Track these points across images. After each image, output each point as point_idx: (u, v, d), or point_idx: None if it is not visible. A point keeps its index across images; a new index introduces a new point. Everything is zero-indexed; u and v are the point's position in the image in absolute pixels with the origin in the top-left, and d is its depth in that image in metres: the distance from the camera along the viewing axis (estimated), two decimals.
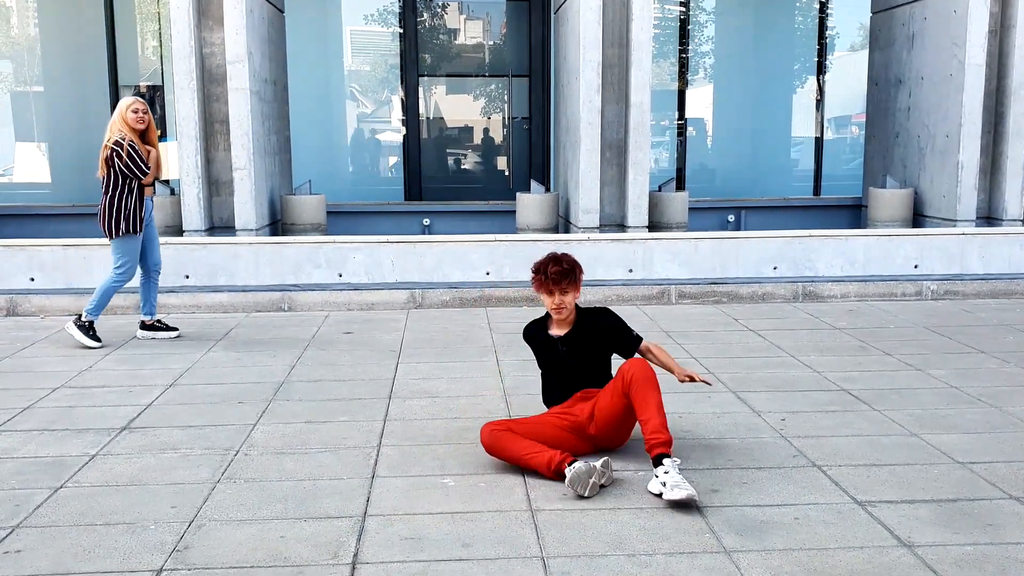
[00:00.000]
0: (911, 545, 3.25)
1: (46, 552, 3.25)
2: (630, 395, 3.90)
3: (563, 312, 4.22)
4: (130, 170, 6.34)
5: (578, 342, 4.28)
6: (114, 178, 6.37)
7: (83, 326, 6.51)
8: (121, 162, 6.32)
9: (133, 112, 6.40)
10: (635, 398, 3.87)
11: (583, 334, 4.29)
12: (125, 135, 6.36)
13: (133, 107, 6.42)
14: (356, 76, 14.21)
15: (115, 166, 6.33)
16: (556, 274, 4.14)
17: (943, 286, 8.33)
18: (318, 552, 3.23)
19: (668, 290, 8.19)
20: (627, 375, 3.93)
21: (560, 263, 4.17)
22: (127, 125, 6.39)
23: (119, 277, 6.55)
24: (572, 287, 4.18)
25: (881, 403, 5.01)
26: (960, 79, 9.30)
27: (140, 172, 6.37)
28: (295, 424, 4.73)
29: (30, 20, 13.50)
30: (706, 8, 14.26)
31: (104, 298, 6.58)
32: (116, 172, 6.35)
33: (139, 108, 6.44)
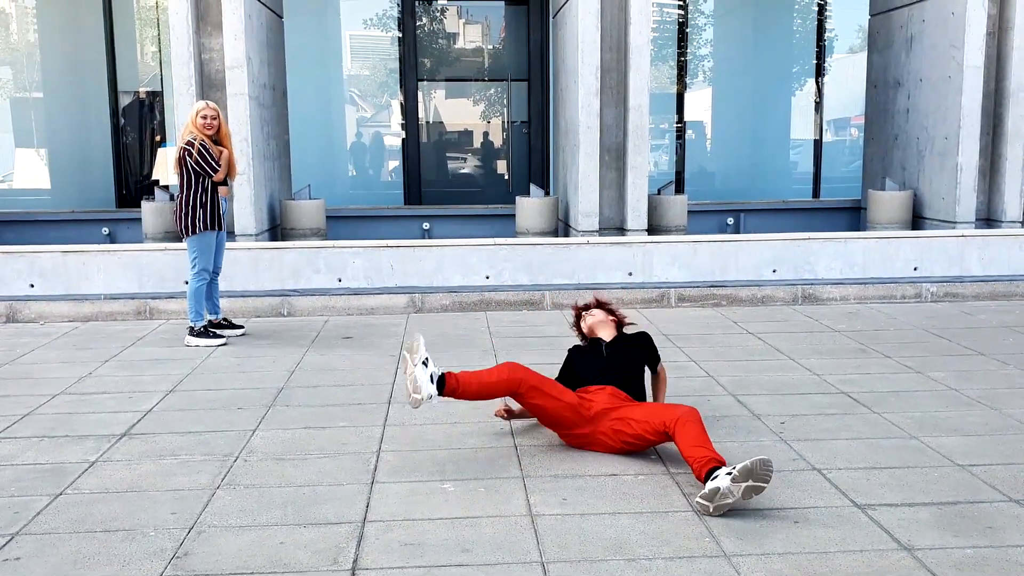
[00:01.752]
0: (911, 548, 3.25)
1: (46, 559, 3.25)
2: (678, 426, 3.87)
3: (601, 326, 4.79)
4: (201, 167, 6.56)
5: (620, 347, 4.64)
6: (187, 177, 6.60)
7: (199, 333, 6.74)
8: (192, 160, 6.55)
9: (202, 118, 6.62)
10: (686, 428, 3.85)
11: (626, 343, 4.70)
12: (196, 136, 6.58)
13: (202, 113, 6.63)
14: (355, 81, 14.21)
15: (187, 165, 6.57)
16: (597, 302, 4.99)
17: (943, 288, 8.33)
18: (318, 558, 3.23)
19: (668, 293, 8.19)
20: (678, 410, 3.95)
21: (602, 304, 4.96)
22: (197, 128, 6.59)
23: (197, 277, 6.78)
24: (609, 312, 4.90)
25: (881, 406, 5.01)
26: (959, 81, 9.31)
27: (211, 169, 6.58)
28: (294, 430, 4.73)
29: (30, 26, 13.51)
30: (704, 11, 14.27)
31: (195, 302, 6.76)
32: (189, 171, 6.58)
33: (208, 114, 6.65)
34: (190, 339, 6.76)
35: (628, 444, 4.16)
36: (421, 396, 3.91)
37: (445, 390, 4.00)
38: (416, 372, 3.93)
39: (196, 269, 6.78)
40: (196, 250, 6.74)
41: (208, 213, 6.68)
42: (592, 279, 8.34)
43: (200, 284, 6.80)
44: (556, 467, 4.10)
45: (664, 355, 6.26)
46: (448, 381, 4.02)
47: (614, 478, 3.95)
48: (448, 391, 4.01)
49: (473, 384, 4.08)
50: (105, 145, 12.85)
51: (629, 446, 4.17)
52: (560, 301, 8.06)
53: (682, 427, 3.87)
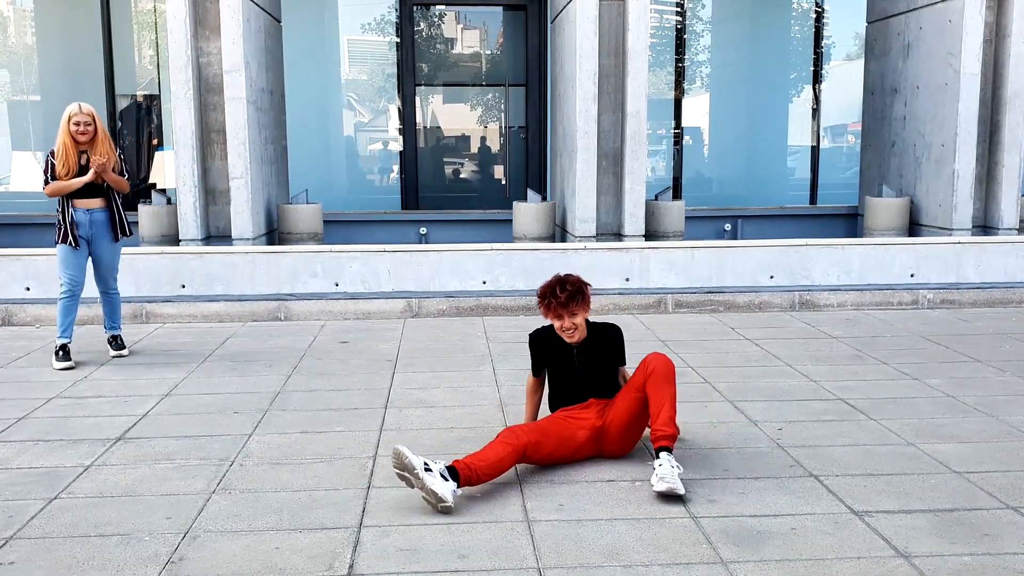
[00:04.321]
0: (908, 555, 3.24)
1: (40, 564, 3.23)
2: (647, 385, 4.00)
3: (575, 335, 4.25)
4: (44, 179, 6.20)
5: (592, 352, 4.33)
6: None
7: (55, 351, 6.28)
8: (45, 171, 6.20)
9: (74, 125, 6.11)
10: (652, 389, 3.98)
11: (597, 345, 4.35)
12: (59, 144, 6.15)
13: (74, 119, 6.11)
14: (353, 85, 14.21)
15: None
16: (565, 298, 4.14)
17: (939, 295, 8.33)
18: (313, 563, 3.22)
19: (665, 299, 8.19)
20: (650, 366, 4.04)
21: (566, 286, 4.15)
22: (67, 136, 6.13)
23: (60, 292, 6.30)
24: (581, 308, 4.20)
25: (878, 412, 5.00)
26: (956, 88, 9.33)
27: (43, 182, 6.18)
28: (291, 434, 4.71)
29: (27, 29, 13.50)
30: (702, 17, 14.29)
31: (60, 316, 6.28)
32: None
33: (80, 120, 6.11)
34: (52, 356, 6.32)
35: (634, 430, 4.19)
36: (449, 502, 3.63)
37: (461, 482, 3.72)
38: (428, 484, 3.62)
39: (60, 282, 6.27)
40: (57, 263, 6.28)
41: (59, 224, 6.19)
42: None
43: (63, 299, 6.26)
44: (552, 473, 4.09)
45: None
46: (461, 472, 3.74)
47: (611, 484, 3.94)
48: (464, 482, 3.74)
49: (483, 467, 3.83)
50: None
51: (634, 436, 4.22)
52: None
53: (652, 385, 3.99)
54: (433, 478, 3.62)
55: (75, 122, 6.11)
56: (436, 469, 3.66)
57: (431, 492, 3.60)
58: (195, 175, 9.06)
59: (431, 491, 3.60)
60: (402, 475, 3.68)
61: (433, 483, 3.61)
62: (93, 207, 6.28)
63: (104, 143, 6.25)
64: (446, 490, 3.61)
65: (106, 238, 6.36)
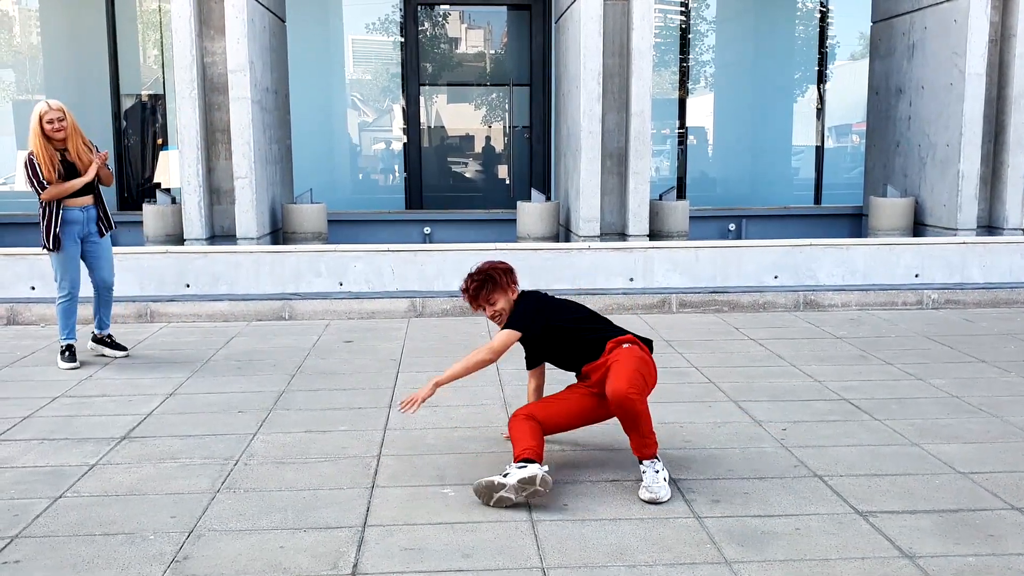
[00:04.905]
0: (913, 556, 3.24)
1: (45, 562, 3.24)
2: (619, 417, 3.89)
3: (502, 320, 4.22)
4: (34, 185, 6.01)
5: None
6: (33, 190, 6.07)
7: (60, 351, 6.28)
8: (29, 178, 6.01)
9: (48, 123, 5.97)
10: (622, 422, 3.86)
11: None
12: (35, 147, 5.99)
13: (46, 118, 5.96)
14: (357, 85, 14.22)
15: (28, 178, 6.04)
16: (474, 290, 4.21)
17: (944, 295, 8.32)
18: (318, 562, 3.22)
19: (669, 299, 8.19)
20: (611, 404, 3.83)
21: (473, 277, 4.21)
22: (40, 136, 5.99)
23: (59, 296, 6.24)
24: (495, 294, 4.19)
25: (882, 413, 5.00)
26: (960, 88, 9.31)
27: (36, 189, 5.99)
28: (295, 433, 4.72)
29: (32, 29, 13.53)
30: (707, 17, 14.28)
31: (62, 319, 6.26)
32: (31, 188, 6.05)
33: (53, 117, 5.96)
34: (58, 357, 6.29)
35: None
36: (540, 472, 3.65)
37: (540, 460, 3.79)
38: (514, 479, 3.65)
39: (58, 286, 6.20)
40: (54, 267, 6.18)
41: (50, 230, 6.05)
42: (593, 284, 8.33)
43: (63, 303, 6.22)
44: (556, 472, 4.09)
45: (665, 360, 6.30)
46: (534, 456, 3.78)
47: (615, 484, 3.94)
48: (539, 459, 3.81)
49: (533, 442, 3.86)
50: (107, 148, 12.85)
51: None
52: None
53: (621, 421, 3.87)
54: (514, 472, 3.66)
55: (47, 120, 5.95)
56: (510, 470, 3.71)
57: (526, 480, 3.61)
58: (200, 175, 9.08)
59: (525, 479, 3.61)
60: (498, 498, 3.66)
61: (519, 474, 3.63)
62: (87, 204, 6.23)
63: (78, 136, 6.14)
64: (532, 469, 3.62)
65: (97, 233, 6.32)
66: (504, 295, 4.22)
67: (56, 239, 6.07)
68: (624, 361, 3.91)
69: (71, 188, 6.08)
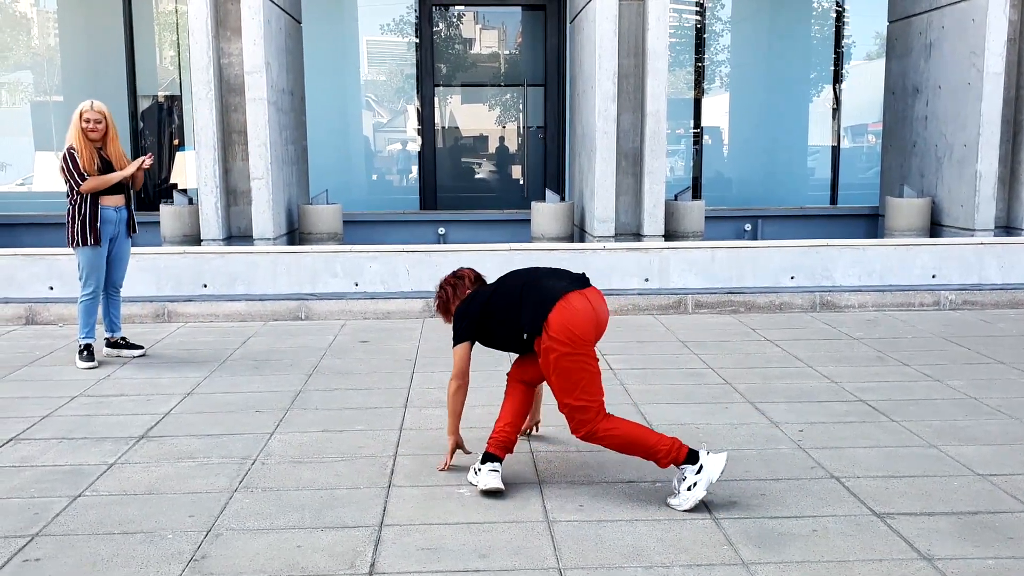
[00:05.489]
0: (931, 558, 3.22)
1: (65, 560, 3.27)
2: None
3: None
4: (68, 178, 6.10)
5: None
6: (67, 186, 6.15)
7: (79, 351, 6.32)
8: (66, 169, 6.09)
9: (85, 122, 6.10)
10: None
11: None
12: (74, 142, 6.10)
13: (85, 116, 6.10)
14: (372, 86, 14.26)
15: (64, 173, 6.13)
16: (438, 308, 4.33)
17: (961, 296, 8.27)
18: (335, 562, 3.24)
19: (685, 300, 8.17)
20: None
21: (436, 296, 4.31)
22: (79, 133, 6.10)
23: (83, 293, 6.27)
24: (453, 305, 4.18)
25: (899, 414, 4.97)
26: (979, 88, 9.25)
27: (75, 181, 6.07)
28: (312, 433, 4.74)
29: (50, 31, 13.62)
30: (722, 17, 14.25)
31: (83, 317, 6.29)
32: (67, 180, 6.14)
33: (91, 117, 6.10)
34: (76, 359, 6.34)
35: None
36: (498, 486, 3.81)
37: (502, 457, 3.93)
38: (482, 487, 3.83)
39: (83, 283, 6.24)
40: (82, 264, 6.22)
41: (88, 226, 6.12)
42: (608, 285, 8.32)
43: (87, 301, 6.27)
44: (572, 473, 4.10)
45: (682, 361, 6.29)
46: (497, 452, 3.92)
47: (631, 484, 3.94)
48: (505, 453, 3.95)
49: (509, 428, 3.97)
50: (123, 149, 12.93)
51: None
52: None
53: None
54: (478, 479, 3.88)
55: (86, 119, 6.10)
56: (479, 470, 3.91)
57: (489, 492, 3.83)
58: (217, 175, 9.12)
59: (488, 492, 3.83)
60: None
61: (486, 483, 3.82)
62: (120, 204, 6.34)
63: (116, 141, 6.29)
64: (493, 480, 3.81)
65: (125, 234, 6.43)
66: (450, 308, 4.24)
67: (97, 234, 6.17)
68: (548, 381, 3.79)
69: (110, 181, 6.18)
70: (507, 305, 3.89)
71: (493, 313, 3.95)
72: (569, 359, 3.69)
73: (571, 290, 3.80)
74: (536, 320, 3.74)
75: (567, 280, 3.89)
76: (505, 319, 3.90)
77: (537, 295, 3.81)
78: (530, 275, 3.99)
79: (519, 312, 3.83)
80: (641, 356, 6.48)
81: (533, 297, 3.81)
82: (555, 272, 4.01)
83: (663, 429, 4.70)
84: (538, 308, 3.76)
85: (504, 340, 3.98)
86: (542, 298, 3.78)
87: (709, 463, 3.63)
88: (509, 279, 4.05)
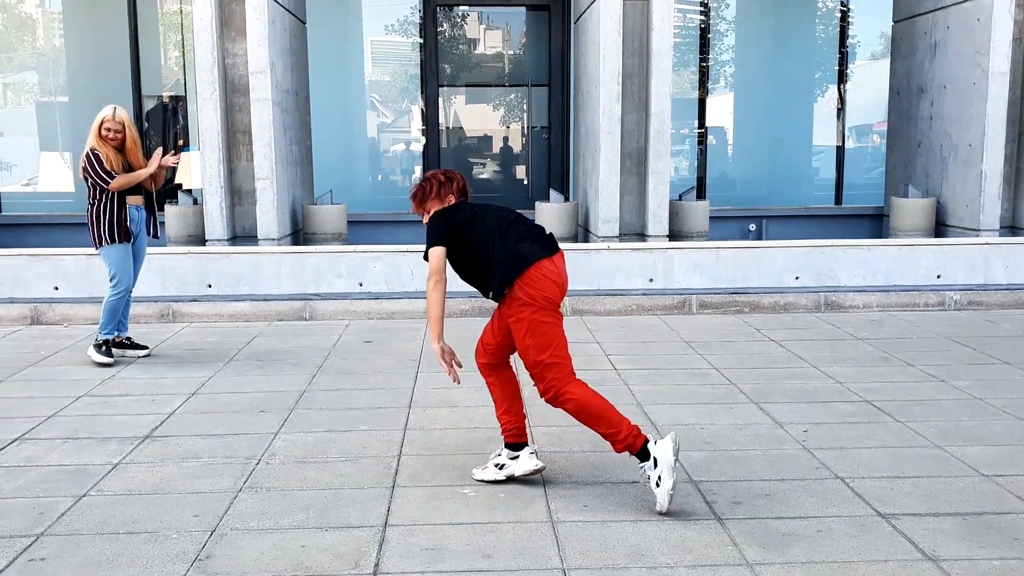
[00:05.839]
0: (936, 559, 3.22)
1: (69, 560, 3.27)
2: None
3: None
4: (94, 178, 6.14)
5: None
6: (90, 187, 6.21)
7: (98, 346, 6.36)
8: (90, 170, 6.15)
9: (105, 131, 6.17)
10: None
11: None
12: (95, 144, 6.17)
13: (105, 125, 6.18)
14: (376, 86, 14.26)
15: (88, 175, 6.18)
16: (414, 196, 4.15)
17: (966, 296, 8.26)
18: (339, 562, 3.24)
19: (689, 300, 8.16)
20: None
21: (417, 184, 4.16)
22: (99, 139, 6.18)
23: (114, 291, 6.34)
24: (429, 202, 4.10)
25: (904, 414, 4.97)
26: (984, 88, 9.24)
27: (102, 180, 6.12)
28: (316, 433, 4.74)
29: (55, 31, 13.65)
30: (726, 17, 14.23)
31: (109, 316, 6.36)
32: (91, 181, 6.19)
33: (111, 127, 6.18)
34: (91, 350, 6.37)
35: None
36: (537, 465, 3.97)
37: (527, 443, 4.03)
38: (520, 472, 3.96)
39: (114, 283, 6.32)
40: (112, 263, 6.28)
41: (116, 224, 6.20)
42: (612, 285, 8.32)
43: (118, 299, 6.35)
44: (577, 473, 4.10)
45: (686, 362, 6.29)
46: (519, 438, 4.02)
47: (635, 485, 3.94)
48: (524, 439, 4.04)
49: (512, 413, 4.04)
50: None
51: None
52: (580, 307, 8.04)
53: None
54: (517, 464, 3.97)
55: (106, 128, 6.18)
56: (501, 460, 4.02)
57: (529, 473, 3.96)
58: (221, 176, 9.14)
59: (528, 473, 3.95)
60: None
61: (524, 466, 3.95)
62: (140, 204, 6.42)
63: (137, 149, 6.36)
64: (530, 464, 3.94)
65: (144, 234, 6.51)
66: (437, 204, 4.10)
67: (125, 232, 6.24)
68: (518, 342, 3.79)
69: (138, 178, 6.25)
70: (476, 248, 3.88)
71: (464, 243, 3.92)
72: (542, 315, 3.75)
73: (542, 257, 3.82)
74: (503, 284, 3.79)
75: (539, 244, 3.87)
76: (471, 260, 3.92)
77: (506, 255, 3.81)
78: (502, 224, 3.92)
79: (487, 267, 3.85)
80: (645, 356, 6.47)
81: (502, 256, 3.81)
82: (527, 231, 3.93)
83: (668, 430, 4.70)
84: (506, 271, 3.78)
85: (465, 273, 4.00)
86: (512, 260, 3.80)
87: (659, 452, 3.60)
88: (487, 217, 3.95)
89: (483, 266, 3.87)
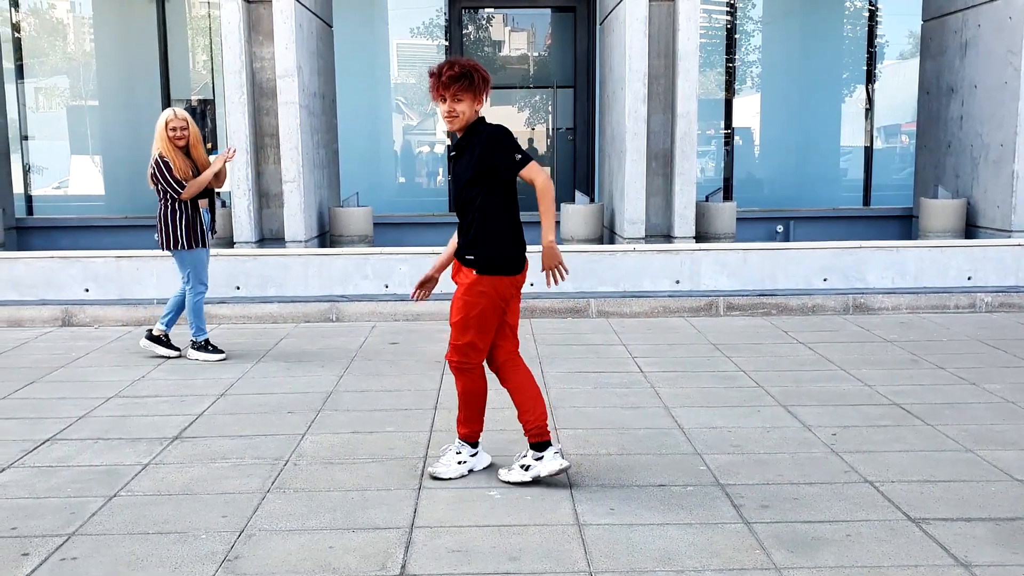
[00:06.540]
0: (968, 565, 3.18)
1: (100, 560, 3.31)
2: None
3: (454, 123, 3.98)
4: (165, 186, 6.26)
5: (463, 154, 4.01)
6: (161, 192, 6.33)
7: (200, 347, 6.55)
8: (160, 177, 6.26)
9: (171, 131, 6.29)
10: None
11: (470, 145, 3.99)
12: (162, 150, 6.27)
13: (171, 125, 6.29)
14: (402, 89, 14.32)
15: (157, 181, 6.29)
16: (448, 78, 3.85)
17: (997, 298, 8.15)
18: (366, 563, 3.25)
19: (716, 302, 8.12)
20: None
21: (454, 67, 3.87)
22: (165, 141, 6.28)
23: (194, 292, 6.50)
24: (465, 94, 3.90)
25: (934, 418, 4.91)
26: (1015, 87, 9.12)
27: (173, 190, 6.25)
28: (343, 434, 4.76)
29: (86, 36, 13.82)
30: (753, 17, 14.15)
31: (196, 317, 6.54)
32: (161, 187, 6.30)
33: (176, 126, 6.30)
34: (191, 352, 6.55)
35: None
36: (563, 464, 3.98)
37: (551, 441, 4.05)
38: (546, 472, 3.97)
39: (191, 284, 6.48)
40: (188, 265, 6.43)
41: (188, 228, 6.33)
42: (638, 287, 8.30)
43: (198, 299, 6.51)
44: (603, 476, 4.09)
45: (713, 364, 6.25)
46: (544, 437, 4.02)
47: (662, 488, 3.92)
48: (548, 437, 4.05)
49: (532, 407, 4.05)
50: None
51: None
52: (606, 309, 8.02)
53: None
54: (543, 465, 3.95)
55: (172, 127, 6.30)
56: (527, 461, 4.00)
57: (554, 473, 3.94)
58: (249, 179, 9.20)
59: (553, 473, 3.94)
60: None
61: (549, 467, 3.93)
62: (206, 206, 6.55)
63: (200, 146, 6.50)
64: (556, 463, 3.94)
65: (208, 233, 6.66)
66: (471, 99, 3.93)
67: (200, 236, 6.40)
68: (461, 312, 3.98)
69: (204, 182, 6.41)
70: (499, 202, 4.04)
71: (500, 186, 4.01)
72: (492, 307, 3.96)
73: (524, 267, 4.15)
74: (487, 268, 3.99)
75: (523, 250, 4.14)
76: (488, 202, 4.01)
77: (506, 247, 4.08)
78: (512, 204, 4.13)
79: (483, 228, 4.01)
80: (672, 359, 6.45)
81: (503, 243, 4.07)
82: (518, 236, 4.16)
83: (694, 433, 4.68)
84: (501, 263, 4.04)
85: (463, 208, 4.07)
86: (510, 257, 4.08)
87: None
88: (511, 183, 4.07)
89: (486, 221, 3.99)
